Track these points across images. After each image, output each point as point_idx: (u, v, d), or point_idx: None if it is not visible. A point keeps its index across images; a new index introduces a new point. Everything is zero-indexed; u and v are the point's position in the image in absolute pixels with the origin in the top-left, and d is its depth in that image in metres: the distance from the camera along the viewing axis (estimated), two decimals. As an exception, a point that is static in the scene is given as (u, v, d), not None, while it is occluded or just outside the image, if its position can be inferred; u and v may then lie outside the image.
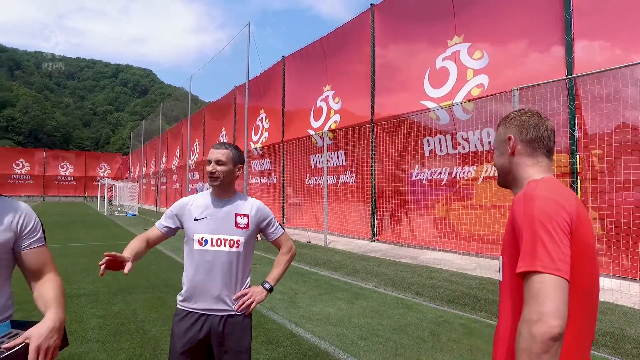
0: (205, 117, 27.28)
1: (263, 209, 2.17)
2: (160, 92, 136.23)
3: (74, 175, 60.31)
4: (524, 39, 8.57)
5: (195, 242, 1.98)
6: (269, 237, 2.20)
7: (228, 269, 1.98)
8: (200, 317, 1.95)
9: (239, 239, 2.01)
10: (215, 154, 2.04)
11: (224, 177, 2.02)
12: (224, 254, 1.97)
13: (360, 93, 12.87)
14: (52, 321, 1.31)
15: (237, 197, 2.13)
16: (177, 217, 2.07)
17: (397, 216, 11.67)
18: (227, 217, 2.03)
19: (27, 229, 1.50)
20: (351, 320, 4.49)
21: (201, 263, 1.97)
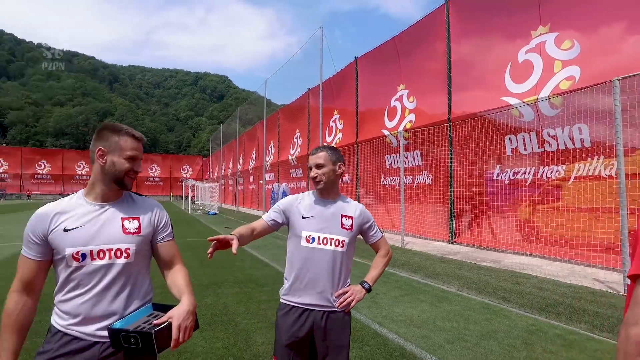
0: (279, 119, 28.23)
1: (366, 212, 2.24)
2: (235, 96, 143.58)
3: (160, 177, 65.80)
4: (620, 22, 7.81)
5: (303, 239, 2.08)
6: (369, 239, 2.26)
7: (332, 267, 2.06)
8: (304, 312, 2.05)
9: (344, 239, 2.09)
10: (313, 159, 2.14)
11: (327, 178, 2.11)
12: (330, 252, 2.05)
13: (435, 91, 12.54)
14: (188, 305, 1.51)
15: (341, 198, 2.21)
16: (284, 213, 2.15)
17: (476, 218, 11.21)
18: (334, 218, 2.11)
19: (161, 224, 1.74)
20: (436, 323, 4.44)
21: (307, 260, 2.06)
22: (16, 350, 1.49)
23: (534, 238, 9.39)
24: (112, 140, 1.60)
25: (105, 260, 1.54)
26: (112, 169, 1.59)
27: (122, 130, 1.63)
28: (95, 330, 1.51)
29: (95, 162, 1.61)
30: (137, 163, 1.65)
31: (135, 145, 1.64)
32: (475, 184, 11.31)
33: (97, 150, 1.60)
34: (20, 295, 1.54)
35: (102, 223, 1.57)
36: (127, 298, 1.59)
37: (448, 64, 11.95)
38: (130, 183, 1.65)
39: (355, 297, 2.10)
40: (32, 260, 1.53)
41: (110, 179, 1.60)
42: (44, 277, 1.58)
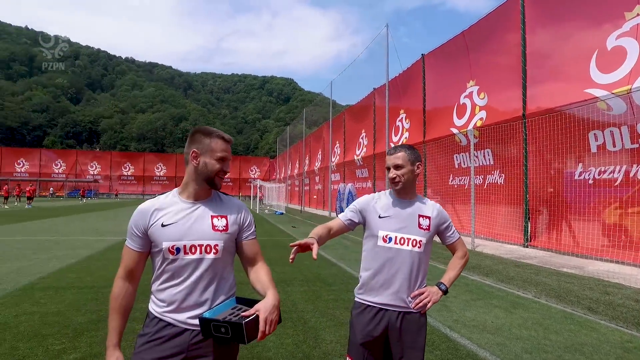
0: (345, 120, 28.35)
1: (443, 212, 2.20)
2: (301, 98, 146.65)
3: (230, 177, 69.04)
4: None
5: (380, 239, 2.08)
6: (446, 240, 2.22)
7: (409, 268, 2.05)
8: (379, 312, 2.05)
9: (421, 240, 2.07)
10: (391, 159, 2.11)
11: (405, 179, 2.09)
12: (407, 252, 2.05)
13: (508, 86, 11.86)
14: (273, 300, 1.61)
15: (418, 198, 2.19)
16: (361, 213, 2.16)
17: (555, 220, 10.43)
18: (411, 218, 2.09)
19: (246, 223, 1.86)
20: (511, 331, 4.21)
21: (384, 259, 2.06)
22: (121, 330, 1.69)
23: (624, 244, 8.54)
24: (204, 143, 1.74)
25: (197, 255, 1.68)
26: (205, 170, 1.72)
27: (213, 133, 1.76)
28: (186, 318, 1.65)
29: (189, 164, 1.75)
30: (226, 164, 1.76)
31: (225, 147, 1.75)
32: (553, 184, 10.53)
33: (191, 152, 1.74)
34: (123, 281, 1.72)
35: (194, 220, 1.71)
36: (215, 291, 1.72)
37: (523, 56, 11.24)
38: (220, 183, 1.78)
39: (432, 298, 2.06)
40: (134, 251, 1.72)
41: (203, 179, 1.74)
42: (142, 267, 1.77)
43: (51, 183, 63.39)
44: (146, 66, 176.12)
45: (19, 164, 62.89)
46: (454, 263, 2.24)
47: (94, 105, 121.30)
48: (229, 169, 1.79)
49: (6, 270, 6.94)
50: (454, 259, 2.25)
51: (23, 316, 4.45)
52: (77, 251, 9.17)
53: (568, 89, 9.71)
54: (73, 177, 64.41)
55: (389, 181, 2.13)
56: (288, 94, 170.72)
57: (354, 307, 2.15)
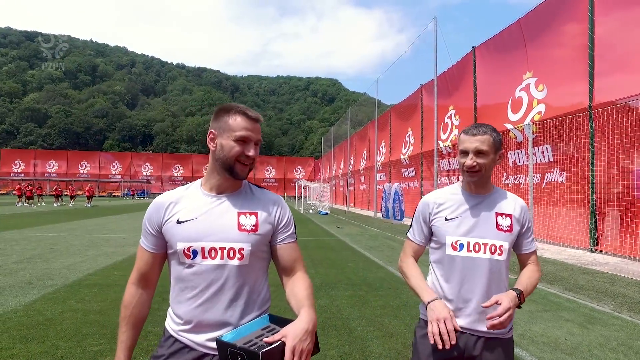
0: (391, 118, 27.71)
1: (527, 210, 1.75)
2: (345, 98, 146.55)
3: (275, 178, 70.04)
4: None
5: (448, 247, 1.67)
6: (522, 248, 1.73)
7: (487, 281, 1.62)
8: None
9: (502, 245, 1.64)
10: (473, 142, 1.62)
11: (486, 170, 1.65)
12: (484, 262, 1.63)
13: (572, 77, 10.88)
14: (307, 323, 1.25)
15: (495, 192, 1.74)
16: (425, 224, 1.77)
17: (627, 223, 9.37)
18: (487, 217, 1.67)
19: (282, 222, 1.49)
20: (592, 352, 3.63)
21: (455, 272, 1.66)
22: (131, 345, 1.43)
23: None
24: (223, 121, 1.40)
25: (217, 260, 1.36)
26: (221, 154, 1.39)
27: (234, 108, 1.41)
28: (205, 340, 1.35)
29: (210, 148, 1.45)
30: (249, 146, 1.39)
31: (248, 125, 1.38)
32: (624, 183, 9.48)
33: (208, 134, 1.44)
34: (136, 287, 1.46)
35: (216, 217, 1.39)
36: (242, 306, 1.39)
37: (590, 43, 10.23)
38: (244, 171, 1.41)
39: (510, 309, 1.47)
40: (148, 252, 1.44)
41: (221, 166, 1.41)
42: (159, 271, 1.47)
43: (109, 184, 67.37)
44: (195, 71, 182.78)
45: (82, 166, 67.32)
46: (530, 273, 1.71)
47: (148, 109, 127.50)
48: (253, 152, 1.39)
49: (59, 265, 7.15)
50: (527, 272, 1.72)
51: (68, 313, 4.45)
52: (125, 248, 9.38)
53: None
54: (128, 178, 68.03)
55: (464, 170, 1.67)
56: (332, 95, 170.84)
57: (419, 325, 1.75)
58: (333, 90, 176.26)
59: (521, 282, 1.64)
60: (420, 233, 1.77)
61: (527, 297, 1.64)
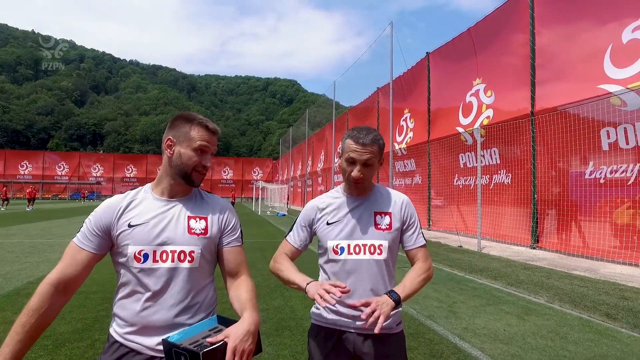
0: (348, 120, 28.10)
1: (409, 205, 1.75)
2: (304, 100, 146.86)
3: (233, 179, 68.96)
4: None
5: (330, 251, 1.67)
6: (407, 243, 1.73)
7: (370, 282, 1.63)
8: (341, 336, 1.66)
9: (381, 244, 1.65)
10: (362, 154, 1.58)
11: (371, 180, 1.68)
12: (365, 263, 1.64)
13: (516, 84, 11.54)
14: (249, 324, 1.29)
15: (375, 190, 1.74)
16: (309, 227, 1.76)
17: (564, 221, 10.08)
18: (365, 218, 1.67)
19: (229, 226, 1.54)
20: (526, 340, 3.90)
21: (338, 275, 1.66)
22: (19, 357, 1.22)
23: (637, 245, 8.20)
24: (183, 130, 1.44)
25: (168, 263, 1.38)
26: (179, 162, 1.43)
27: (196, 119, 1.45)
28: (155, 343, 1.34)
29: (164, 153, 1.47)
30: (206, 157, 1.45)
31: (207, 137, 1.44)
32: (562, 184, 10.19)
33: (165, 140, 1.46)
34: (54, 291, 1.31)
35: (168, 220, 1.42)
36: (192, 308, 1.42)
37: (532, 53, 10.91)
38: (199, 179, 1.47)
39: (382, 310, 1.43)
40: (85, 252, 1.37)
41: (177, 173, 1.44)
42: (86, 276, 1.40)
43: (54, 186, 63.53)
44: (150, 69, 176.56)
45: (23, 166, 62.98)
46: (415, 274, 1.66)
47: (98, 107, 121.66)
48: (209, 163, 1.47)
49: (-5, 273, 6.69)
50: (415, 270, 1.68)
51: (2, 325, 4.17)
52: (72, 254, 8.91)
53: (580, 86, 9.38)
54: (76, 179, 64.49)
55: (349, 179, 1.65)
56: (291, 96, 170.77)
57: (311, 329, 1.76)
58: (292, 91, 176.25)
59: (403, 283, 1.60)
60: (298, 237, 1.75)
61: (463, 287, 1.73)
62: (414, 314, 4.72)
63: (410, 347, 3.69)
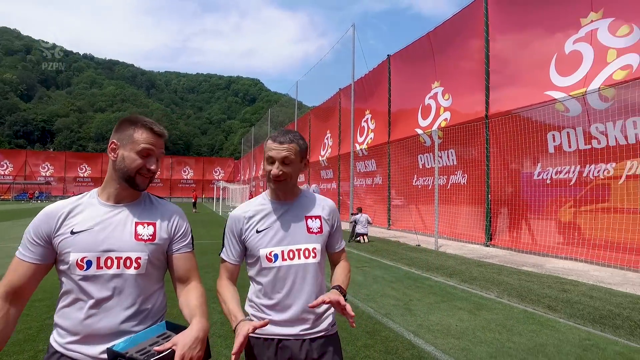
0: (310, 120, 28.17)
1: (336, 209, 1.79)
2: (267, 99, 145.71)
3: (193, 179, 67.36)
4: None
5: (263, 259, 1.63)
6: (333, 247, 1.78)
7: (308, 286, 1.63)
8: (279, 344, 1.63)
9: (315, 247, 1.66)
10: (279, 151, 1.59)
11: (293, 179, 1.65)
12: (300, 267, 1.64)
13: (472, 88, 12.02)
14: (197, 331, 1.28)
15: (302, 195, 1.75)
16: (238, 238, 1.69)
17: (514, 219, 10.62)
18: (296, 222, 1.67)
19: (179, 232, 1.53)
20: (476, 334, 4.08)
21: (272, 283, 1.63)
22: None
23: (578, 241, 8.77)
24: (127, 133, 1.41)
25: (113, 269, 1.35)
26: (122, 165, 1.40)
27: (140, 121, 1.42)
28: (99, 353, 1.30)
29: (109, 157, 1.44)
30: (151, 159, 1.42)
31: (152, 140, 1.41)
32: (513, 184, 10.72)
33: (110, 144, 1.43)
34: (3, 302, 1.31)
35: (114, 226, 1.39)
36: (139, 314, 1.39)
37: (486, 59, 11.40)
38: (144, 183, 1.43)
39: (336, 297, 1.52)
40: (28, 264, 1.35)
41: (121, 177, 1.41)
42: (35, 285, 1.38)
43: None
44: (106, 63, 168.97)
45: (-40, 164, 58.62)
46: (344, 272, 1.74)
47: (48, 103, 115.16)
48: (154, 166, 1.43)
49: None
50: (342, 268, 1.77)
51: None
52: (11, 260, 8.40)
53: (529, 92, 9.90)
54: (22, 178, 60.65)
55: (269, 178, 1.63)
56: (254, 95, 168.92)
57: (248, 342, 1.71)
58: (255, 90, 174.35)
59: (337, 279, 1.68)
60: (232, 252, 1.70)
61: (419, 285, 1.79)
62: (372, 313, 4.82)
63: (366, 345, 3.77)
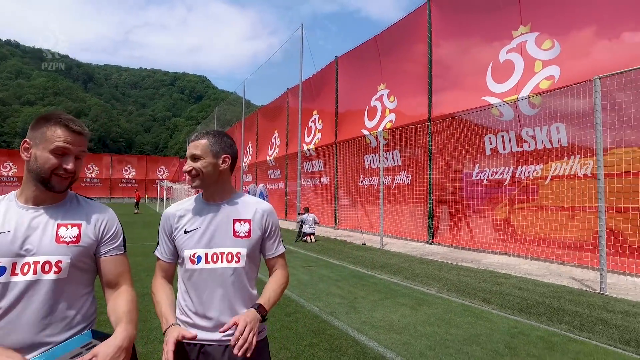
0: (258, 120, 27.87)
1: (272, 213, 1.76)
2: (214, 97, 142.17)
3: (135, 178, 64.22)
4: (601, 24, 7.86)
5: (187, 261, 1.60)
6: (268, 252, 1.75)
7: (228, 292, 1.61)
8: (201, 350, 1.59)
9: (239, 252, 1.63)
10: (190, 148, 1.65)
11: (206, 174, 1.62)
12: (222, 271, 1.60)
13: (416, 91, 12.48)
14: (121, 339, 1.23)
15: (234, 197, 1.72)
16: (170, 237, 1.67)
17: (455, 218, 11.18)
18: (223, 225, 1.64)
19: (108, 234, 1.46)
20: (417, 328, 4.25)
21: (195, 285, 1.60)
22: None
23: (510, 237, 9.40)
24: (40, 131, 1.32)
25: (29, 276, 1.26)
26: (35, 165, 1.31)
27: (54, 118, 1.33)
28: None
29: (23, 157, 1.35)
30: (67, 159, 1.33)
31: (68, 137, 1.33)
32: (453, 184, 11.28)
33: (22, 143, 1.34)
34: None
35: (31, 230, 1.30)
36: (59, 323, 1.30)
37: (429, 64, 11.90)
38: (62, 184, 1.34)
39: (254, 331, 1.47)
40: None
41: (35, 178, 1.32)
42: None
43: None
44: (35, 52, 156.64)
45: None
46: (275, 284, 1.72)
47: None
48: (71, 165, 1.34)
49: None
50: (275, 279, 1.75)
51: None
52: None
53: (468, 96, 10.47)
54: None
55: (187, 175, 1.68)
56: (201, 92, 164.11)
57: None
58: (201, 88, 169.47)
59: (264, 295, 1.64)
60: (166, 249, 1.67)
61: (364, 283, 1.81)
62: (317, 312, 4.87)
63: (311, 344, 3.81)
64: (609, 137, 7.26)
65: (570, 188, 8.15)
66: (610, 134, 7.26)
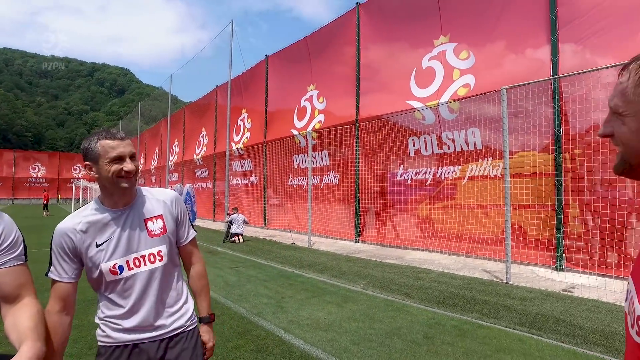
0: (185, 117, 26.76)
1: (179, 201, 1.74)
2: (138, 91, 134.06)
3: (46, 177, 58.39)
4: (509, 39, 8.60)
5: (108, 274, 1.53)
6: (180, 239, 1.74)
7: (157, 290, 1.60)
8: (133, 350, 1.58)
9: (160, 249, 1.61)
10: (126, 146, 1.53)
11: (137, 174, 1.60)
12: (147, 274, 1.58)
13: (345, 93, 12.76)
14: (27, 359, 1.11)
15: (139, 197, 1.64)
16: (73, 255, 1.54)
17: (381, 216, 11.62)
18: (137, 229, 1.58)
19: (5, 243, 1.31)
20: (342, 325, 4.34)
21: (121, 293, 1.56)
22: None
23: (432, 234, 9.97)
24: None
25: None
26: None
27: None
28: None
29: None
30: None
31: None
32: (379, 184, 11.71)
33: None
34: None
35: None
36: None
37: (357, 67, 12.23)
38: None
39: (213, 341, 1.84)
40: None
41: None
42: None
43: None
44: None
45: None
46: (197, 286, 1.80)
47: None
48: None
49: None
50: (195, 280, 1.80)
51: None
52: None
53: (394, 99, 10.91)
54: None
55: (120, 177, 1.52)
56: (123, 86, 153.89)
57: (99, 354, 1.60)
58: (124, 81, 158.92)
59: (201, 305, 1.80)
60: (66, 268, 1.52)
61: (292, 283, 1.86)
62: (243, 313, 4.78)
63: (237, 346, 3.72)
64: (517, 141, 8.02)
65: (483, 188, 8.84)
66: (517, 138, 8.02)
